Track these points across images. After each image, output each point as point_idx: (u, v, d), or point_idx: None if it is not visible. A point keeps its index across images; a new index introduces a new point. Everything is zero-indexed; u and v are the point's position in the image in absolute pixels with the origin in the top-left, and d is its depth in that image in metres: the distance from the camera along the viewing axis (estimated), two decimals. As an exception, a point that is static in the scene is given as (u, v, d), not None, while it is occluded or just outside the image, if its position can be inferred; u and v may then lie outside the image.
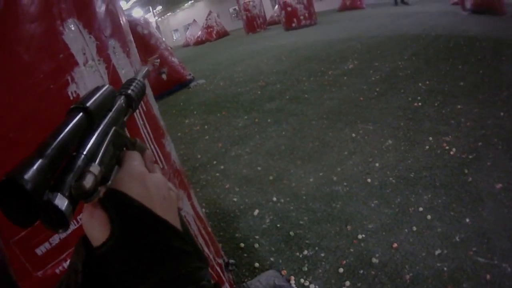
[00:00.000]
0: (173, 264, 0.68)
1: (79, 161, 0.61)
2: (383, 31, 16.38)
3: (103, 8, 2.22)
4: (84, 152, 0.63)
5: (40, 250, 1.81)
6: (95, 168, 0.62)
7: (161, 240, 0.68)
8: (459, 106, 6.94)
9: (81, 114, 0.67)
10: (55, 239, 1.83)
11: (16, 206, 0.50)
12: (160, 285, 0.65)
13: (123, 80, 2.11)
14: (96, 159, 0.64)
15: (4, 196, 0.50)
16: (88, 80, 1.91)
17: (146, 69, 1.16)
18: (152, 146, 2.57)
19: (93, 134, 0.69)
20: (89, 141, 0.66)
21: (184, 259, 0.70)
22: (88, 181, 0.59)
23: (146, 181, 0.72)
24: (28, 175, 0.50)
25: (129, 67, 2.35)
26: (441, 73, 9.03)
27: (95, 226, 0.66)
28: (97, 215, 0.66)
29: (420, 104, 7.42)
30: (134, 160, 0.76)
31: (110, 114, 0.78)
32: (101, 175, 0.64)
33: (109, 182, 0.70)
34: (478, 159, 5.20)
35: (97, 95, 0.74)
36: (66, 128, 0.61)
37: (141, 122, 2.45)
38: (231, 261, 3.86)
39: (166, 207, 0.73)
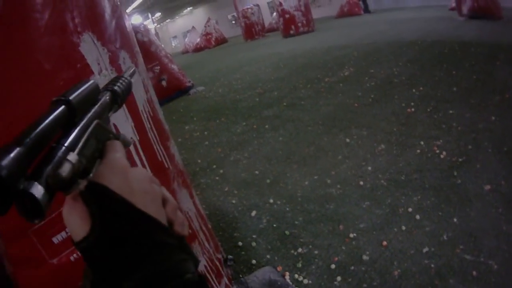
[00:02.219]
0: (156, 258, 0.66)
1: (59, 152, 0.60)
2: (380, 37, 16.41)
3: (113, 22, 2.39)
4: (66, 144, 0.62)
5: (57, 239, 1.91)
6: (72, 156, 0.60)
7: (143, 234, 0.66)
8: (451, 111, 7.06)
9: (63, 106, 0.66)
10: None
11: None
12: (144, 281, 0.63)
13: (132, 88, 2.29)
14: (75, 149, 0.63)
15: None
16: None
17: (134, 68, 1.17)
18: (158, 148, 2.73)
19: (75, 127, 0.68)
20: (71, 134, 0.65)
21: (167, 252, 0.69)
22: (65, 170, 0.57)
23: (128, 174, 0.71)
24: (4, 162, 0.49)
25: (137, 76, 2.52)
26: (435, 79, 9.13)
27: (75, 220, 0.64)
28: (78, 209, 0.64)
29: (413, 109, 7.54)
30: (116, 152, 0.75)
31: (94, 108, 0.77)
32: (81, 166, 0.62)
33: (91, 175, 0.67)
34: (468, 162, 5.34)
35: (81, 89, 0.73)
36: (46, 119, 0.60)
37: (149, 125, 2.62)
38: (230, 257, 4.03)
39: (148, 201, 0.71)
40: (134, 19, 43.03)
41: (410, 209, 4.61)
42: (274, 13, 32.81)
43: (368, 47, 14.82)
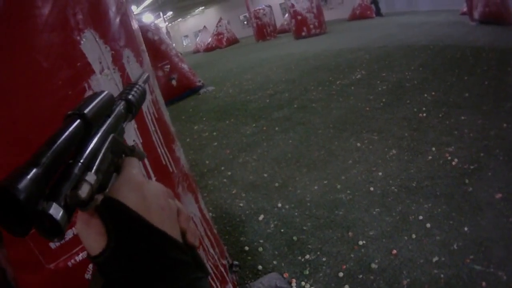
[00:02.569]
0: (171, 276, 0.67)
1: (76, 169, 0.60)
2: (392, 41, 16.35)
3: (117, 19, 2.31)
4: (81, 160, 0.62)
5: (54, 244, 1.85)
6: (91, 177, 0.61)
7: (158, 251, 0.67)
8: (463, 117, 6.97)
9: (78, 121, 0.66)
10: (69, 233, 1.88)
11: (9, 216, 0.49)
12: None
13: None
14: (93, 168, 0.63)
15: None
16: (104, 87, 2.00)
17: (147, 75, 1.17)
18: (163, 151, 2.65)
19: (91, 141, 0.68)
20: (87, 149, 0.65)
21: (181, 270, 0.69)
22: (84, 191, 0.58)
23: (144, 190, 0.71)
24: (22, 184, 0.49)
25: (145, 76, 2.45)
26: (447, 84, 9.03)
27: (91, 235, 0.65)
28: (93, 224, 0.65)
29: (425, 115, 7.45)
30: (133, 168, 0.76)
31: (109, 120, 0.78)
32: (97, 183, 0.63)
33: (107, 190, 0.69)
34: (479, 170, 5.22)
35: (95, 101, 0.73)
36: (62, 136, 0.60)
37: (153, 128, 2.54)
38: (235, 262, 3.96)
39: (164, 217, 0.72)
40: (145, 18, 43.16)
41: (420, 217, 4.51)
42: (286, 15, 32.87)
43: (380, 50, 14.77)
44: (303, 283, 3.89)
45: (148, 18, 44.51)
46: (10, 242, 1.69)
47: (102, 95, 0.77)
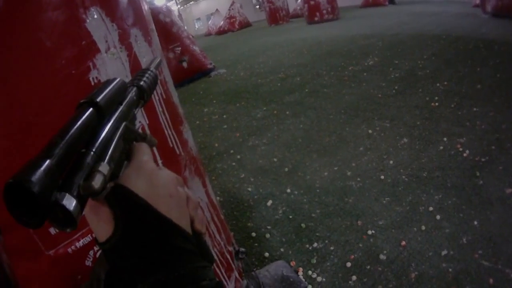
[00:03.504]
0: (174, 263, 0.68)
1: (88, 159, 0.61)
2: (404, 29, 16.27)
3: None
4: (94, 149, 0.63)
5: (54, 230, 1.84)
6: (104, 167, 0.62)
7: (163, 239, 0.69)
8: (475, 109, 6.91)
9: (91, 109, 0.66)
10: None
11: (23, 208, 0.50)
12: (158, 285, 0.65)
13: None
14: (105, 158, 0.64)
15: (11, 198, 0.50)
16: (109, 66, 1.96)
17: (159, 59, 1.16)
18: (170, 133, 2.60)
19: (103, 130, 0.68)
20: (99, 138, 0.66)
21: (186, 258, 0.70)
22: (97, 181, 0.59)
23: (153, 178, 0.73)
24: (35, 177, 0.49)
25: (151, 55, 2.39)
26: (459, 75, 8.97)
27: (99, 222, 0.67)
28: (102, 211, 0.66)
29: (437, 104, 7.40)
30: (143, 155, 0.77)
31: (121, 108, 0.78)
32: (110, 173, 0.64)
33: (118, 178, 0.70)
34: (491, 163, 5.17)
35: (108, 89, 0.74)
36: (75, 125, 0.60)
37: (160, 109, 2.49)
38: (242, 249, 3.90)
39: (172, 205, 0.73)
40: (157, 1, 43.12)
41: (431, 208, 4.48)
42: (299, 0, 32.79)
43: (392, 38, 14.69)
44: (310, 272, 3.86)
45: (160, 1, 44.52)
46: (9, 228, 1.65)
47: (114, 82, 0.78)
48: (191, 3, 68.18)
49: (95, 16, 1.92)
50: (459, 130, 6.23)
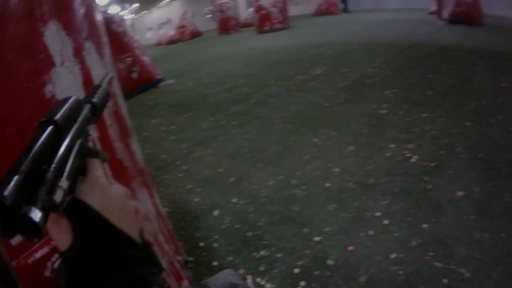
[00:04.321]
0: (127, 269, 0.73)
1: (49, 174, 0.64)
2: (356, 37, 16.51)
3: (82, 11, 2.28)
4: (54, 165, 0.66)
5: (14, 241, 1.80)
6: (63, 182, 0.65)
7: (116, 247, 0.74)
8: (425, 115, 7.06)
9: (51, 127, 0.70)
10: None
11: None
12: None
13: (96, 81, 2.20)
14: (64, 173, 0.68)
15: None
16: (64, 80, 1.99)
17: (111, 75, 1.21)
18: (118, 145, 2.62)
19: (61, 146, 0.72)
20: (58, 154, 0.69)
21: (137, 265, 0.75)
22: (58, 196, 0.63)
23: (106, 192, 0.78)
24: (8, 191, 0.53)
25: (102, 68, 2.42)
26: (410, 82, 9.15)
27: (60, 233, 0.71)
28: (62, 223, 0.71)
29: (385, 111, 7.54)
30: (97, 171, 0.82)
31: (76, 125, 0.81)
32: (68, 188, 0.67)
33: (74, 192, 0.74)
34: (440, 167, 5.30)
35: (65, 107, 0.78)
36: (37, 143, 0.64)
37: (110, 121, 2.51)
38: (190, 258, 3.96)
39: (123, 217, 0.78)
40: (111, 9, 42.65)
41: (377, 214, 4.57)
42: (251, 8, 32.88)
43: (342, 46, 14.88)
44: (258, 279, 3.90)
45: (114, 10, 43.98)
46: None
47: (70, 100, 0.82)
48: (144, 12, 67.67)
49: (53, 30, 1.94)
50: (407, 136, 6.38)
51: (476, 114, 6.85)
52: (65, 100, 0.82)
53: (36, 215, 0.57)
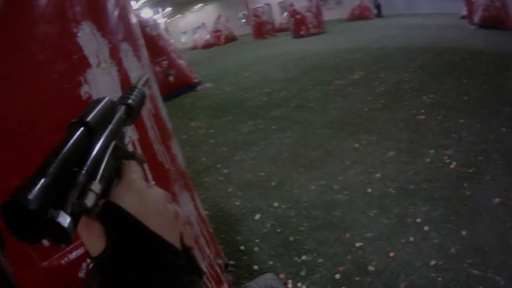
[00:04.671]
0: (164, 277, 0.69)
1: (80, 177, 0.61)
2: (390, 42, 16.37)
3: (116, 12, 2.27)
4: (85, 168, 0.63)
5: (46, 242, 1.82)
6: (96, 186, 0.62)
7: (153, 254, 0.70)
8: (461, 121, 6.96)
9: (82, 129, 0.67)
10: (63, 232, 1.82)
11: (21, 225, 0.50)
12: None
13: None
14: (97, 176, 0.65)
15: (9, 216, 0.50)
16: (100, 81, 1.96)
17: (147, 76, 1.16)
18: (159, 147, 2.60)
19: (94, 149, 0.68)
20: (90, 156, 0.66)
21: (175, 272, 0.72)
22: (90, 200, 0.60)
23: (143, 196, 0.73)
24: (32, 195, 0.50)
25: (140, 70, 2.40)
26: (445, 87, 9.04)
27: (92, 237, 0.67)
28: (94, 227, 0.67)
29: (423, 117, 7.44)
30: (133, 173, 0.77)
31: (110, 126, 0.78)
32: (101, 191, 0.64)
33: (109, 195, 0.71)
34: (478, 174, 5.20)
35: (97, 108, 0.75)
36: (67, 144, 0.61)
37: (150, 124, 2.49)
38: (231, 262, 3.92)
39: (162, 222, 0.74)
40: (144, 13, 43.10)
41: (418, 220, 4.49)
42: (285, 13, 32.95)
43: (378, 51, 14.79)
44: (299, 284, 3.85)
45: (147, 13, 44.45)
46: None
47: (104, 101, 0.78)
48: (177, 16, 68.23)
49: (87, 31, 1.93)
50: (446, 142, 6.27)
51: (511, 120, 6.74)
52: (98, 101, 0.78)
53: (65, 220, 0.54)
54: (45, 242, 1.55)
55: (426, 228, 4.33)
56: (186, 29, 68.16)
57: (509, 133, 6.22)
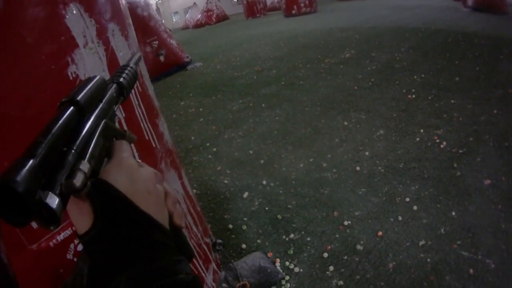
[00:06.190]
0: (151, 256, 0.69)
1: (70, 157, 0.62)
2: (383, 22, 16.33)
3: None
4: (75, 148, 0.64)
5: (35, 224, 1.82)
6: (84, 165, 0.63)
7: (141, 232, 0.70)
8: (453, 101, 6.98)
9: (71, 108, 0.67)
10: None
11: (9, 207, 0.51)
12: (136, 277, 0.66)
13: (121, 62, 2.17)
14: (86, 155, 0.65)
15: None
16: (87, 61, 1.97)
17: (139, 55, 1.18)
18: (146, 126, 2.61)
19: (84, 128, 0.69)
20: (79, 136, 0.67)
21: (163, 252, 0.71)
22: (78, 179, 0.60)
23: (133, 174, 0.74)
24: (20, 177, 0.50)
25: (127, 49, 2.40)
26: (437, 67, 9.04)
27: (80, 215, 0.67)
28: (82, 204, 0.67)
29: (414, 96, 7.47)
30: (123, 152, 0.78)
31: (101, 105, 0.79)
32: (90, 171, 0.65)
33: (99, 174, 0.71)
34: (468, 154, 5.24)
35: (88, 87, 0.75)
36: (56, 124, 0.62)
37: (136, 102, 2.50)
38: (219, 241, 3.94)
39: (151, 201, 0.74)
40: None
41: (407, 199, 4.54)
42: (277, -8, 32.84)
43: (370, 30, 14.78)
44: (287, 263, 3.89)
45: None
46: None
47: (94, 80, 0.79)
48: (169, -4, 67.80)
49: (74, 12, 1.92)
50: (436, 122, 6.31)
51: (503, 102, 6.76)
52: (89, 79, 0.79)
53: (53, 201, 0.55)
54: (34, 225, 1.56)
55: (415, 207, 4.38)
56: (178, 9, 67.71)
57: (501, 115, 6.26)
